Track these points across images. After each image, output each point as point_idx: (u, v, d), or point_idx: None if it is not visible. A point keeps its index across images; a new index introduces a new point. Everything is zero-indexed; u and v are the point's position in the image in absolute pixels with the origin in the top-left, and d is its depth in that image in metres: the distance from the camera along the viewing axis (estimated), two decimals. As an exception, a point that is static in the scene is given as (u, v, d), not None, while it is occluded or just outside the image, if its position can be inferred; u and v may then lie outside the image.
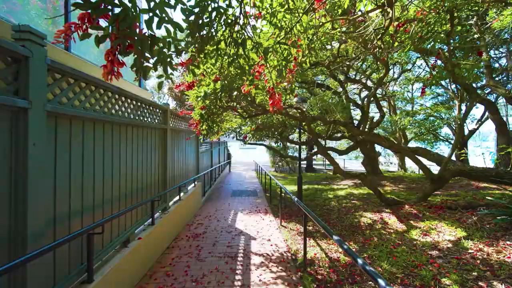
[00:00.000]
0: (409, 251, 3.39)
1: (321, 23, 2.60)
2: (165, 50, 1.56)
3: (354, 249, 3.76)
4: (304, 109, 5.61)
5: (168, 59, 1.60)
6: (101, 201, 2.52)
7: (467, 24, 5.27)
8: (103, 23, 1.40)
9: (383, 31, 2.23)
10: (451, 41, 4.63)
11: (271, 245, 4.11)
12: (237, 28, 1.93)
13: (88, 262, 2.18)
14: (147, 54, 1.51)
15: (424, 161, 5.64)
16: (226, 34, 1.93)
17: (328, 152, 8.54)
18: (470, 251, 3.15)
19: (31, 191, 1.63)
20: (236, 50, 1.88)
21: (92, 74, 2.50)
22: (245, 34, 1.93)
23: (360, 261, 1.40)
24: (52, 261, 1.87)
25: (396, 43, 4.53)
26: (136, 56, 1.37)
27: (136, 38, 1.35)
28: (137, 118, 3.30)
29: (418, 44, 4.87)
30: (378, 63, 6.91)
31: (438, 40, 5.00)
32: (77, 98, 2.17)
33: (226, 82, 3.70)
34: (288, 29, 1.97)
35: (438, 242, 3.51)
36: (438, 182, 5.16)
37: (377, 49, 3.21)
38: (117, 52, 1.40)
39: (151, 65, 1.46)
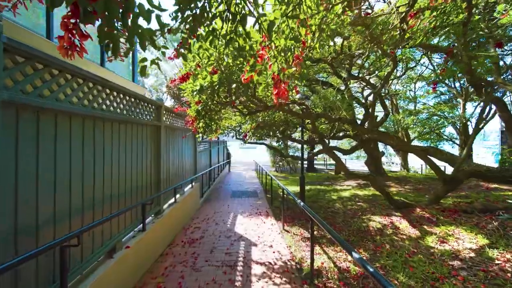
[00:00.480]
0: (426, 261, 3.06)
1: (332, 4, 2.27)
2: (143, 23, 1.24)
3: (364, 257, 3.44)
4: (308, 105, 5.28)
5: (149, 35, 1.28)
6: (80, 206, 2.20)
7: (484, 14, 4.91)
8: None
9: (408, 8, 1.91)
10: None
11: (274, 252, 3.78)
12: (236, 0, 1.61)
13: (62, 280, 1.85)
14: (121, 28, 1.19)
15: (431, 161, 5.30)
16: (222, 8, 1.61)
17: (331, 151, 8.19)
18: (497, 261, 2.82)
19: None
20: (234, 27, 1.55)
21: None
22: (246, 8, 1.60)
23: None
24: (12, 282, 1.55)
25: (408, 35, 4.20)
26: (101, 24, 1.04)
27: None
28: (125, 113, 2.97)
29: (430, 36, 4.53)
30: (384, 59, 6.57)
31: (452, 32, 4.66)
32: (48, 87, 1.84)
33: (224, 74, 3.37)
34: (296, 2, 1.64)
35: (459, 251, 3.18)
36: (451, 183, 4.82)
37: (400, 32, 2.86)
38: (78, 20, 1.08)
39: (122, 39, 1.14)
